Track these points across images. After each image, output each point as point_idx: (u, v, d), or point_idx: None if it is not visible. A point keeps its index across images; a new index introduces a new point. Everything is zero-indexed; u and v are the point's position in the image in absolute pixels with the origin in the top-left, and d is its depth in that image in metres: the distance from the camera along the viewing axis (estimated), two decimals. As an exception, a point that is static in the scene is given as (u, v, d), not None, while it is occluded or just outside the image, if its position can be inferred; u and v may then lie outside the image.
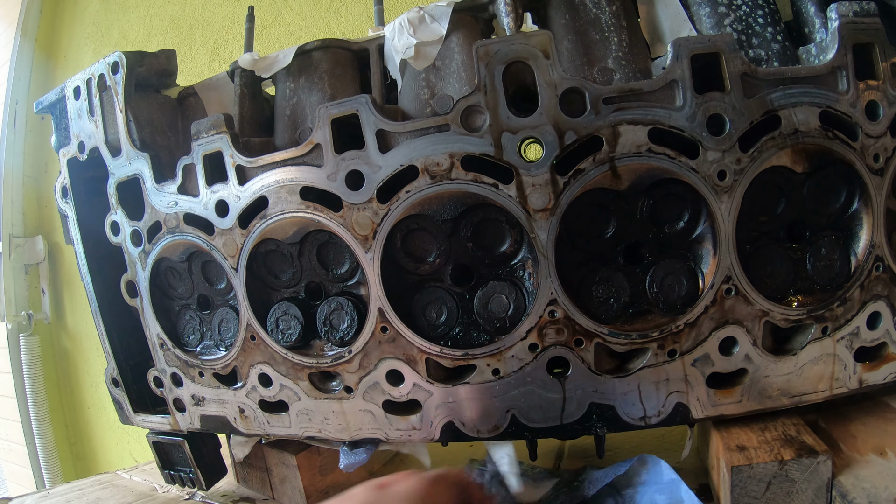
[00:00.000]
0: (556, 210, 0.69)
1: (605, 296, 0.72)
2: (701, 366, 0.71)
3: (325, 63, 0.91)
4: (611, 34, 0.79)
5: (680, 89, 0.67)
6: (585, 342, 0.72)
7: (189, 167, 0.84)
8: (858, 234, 0.72)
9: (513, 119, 0.69)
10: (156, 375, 0.97)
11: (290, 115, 0.91)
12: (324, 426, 0.85)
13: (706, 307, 0.70)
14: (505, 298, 0.74)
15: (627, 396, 0.73)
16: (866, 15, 0.70)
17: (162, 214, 0.87)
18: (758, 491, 0.65)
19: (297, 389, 0.84)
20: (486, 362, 0.74)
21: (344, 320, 0.79)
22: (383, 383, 0.78)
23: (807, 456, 0.64)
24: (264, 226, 0.79)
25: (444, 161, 0.70)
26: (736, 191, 0.68)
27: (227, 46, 2.08)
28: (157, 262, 0.90)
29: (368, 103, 0.72)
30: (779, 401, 0.72)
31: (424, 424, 0.79)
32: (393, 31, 0.85)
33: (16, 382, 2.59)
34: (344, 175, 0.74)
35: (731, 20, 0.78)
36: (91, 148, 0.94)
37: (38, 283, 2.68)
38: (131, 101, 0.91)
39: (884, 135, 0.70)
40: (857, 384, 0.73)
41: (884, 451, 0.68)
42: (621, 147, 0.68)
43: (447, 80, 0.82)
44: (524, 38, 0.69)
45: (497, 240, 0.74)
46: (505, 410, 0.75)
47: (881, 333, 0.73)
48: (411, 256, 0.76)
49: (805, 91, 0.68)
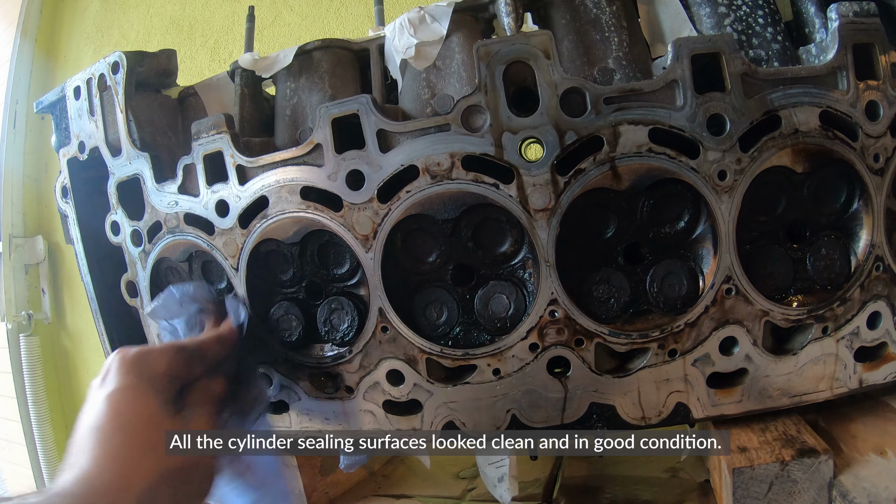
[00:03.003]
0: (557, 210, 0.69)
1: (605, 296, 0.72)
2: (701, 366, 0.71)
3: (325, 63, 0.91)
4: (611, 34, 0.79)
5: (680, 89, 0.67)
6: (586, 342, 0.72)
7: (189, 167, 0.84)
8: (858, 234, 0.72)
9: (513, 119, 0.69)
10: (156, 375, 0.97)
11: (291, 115, 0.91)
12: (324, 426, 0.85)
13: (706, 307, 0.70)
14: (505, 298, 0.74)
15: (628, 396, 0.73)
16: (866, 15, 0.70)
17: (162, 214, 0.87)
18: (760, 492, 0.65)
19: (298, 389, 0.84)
20: (486, 362, 0.74)
21: (344, 320, 0.79)
22: (384, 383, 0.78)
23: (808, 456, 0.64)
24: (265, 226, 0.79)
25: (444, 161, 0.70)
26: (736, 191, 0.68)
27: (227, 46, 2.09)
28: (158, 262, 0.90)
29: (369, 103, 0.72)
30: (779, 401, 0.72)
31: (425, 424, 0.79)
32: (393, 31, 0.85)
33: (16, 382, 2.59)
34: (344, 175, 0.74)
35: (731, 20, 0.78)
36: (91, 148, 0.94)
37: (38, 283, 2.68)
38: (131, 101, 0.91)
39: (884, 135, 0.70)
40: (857, 384, 0.73)
41: (884, 451, 0.68)
42: (622, 147, 0.68)
43: (448, 79, 0.82)
44: (524, 38, 0.69)
45: (497, 240, 0.74)
46: (505, 410, 0.75)
47: (881, 333, 0.73)
48: (412, 256, 0.76)
49: (805, 91, 0.68)
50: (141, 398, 0.58)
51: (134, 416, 0.57)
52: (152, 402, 0.58)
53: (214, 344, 0.68)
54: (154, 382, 0.59)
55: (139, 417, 0.57)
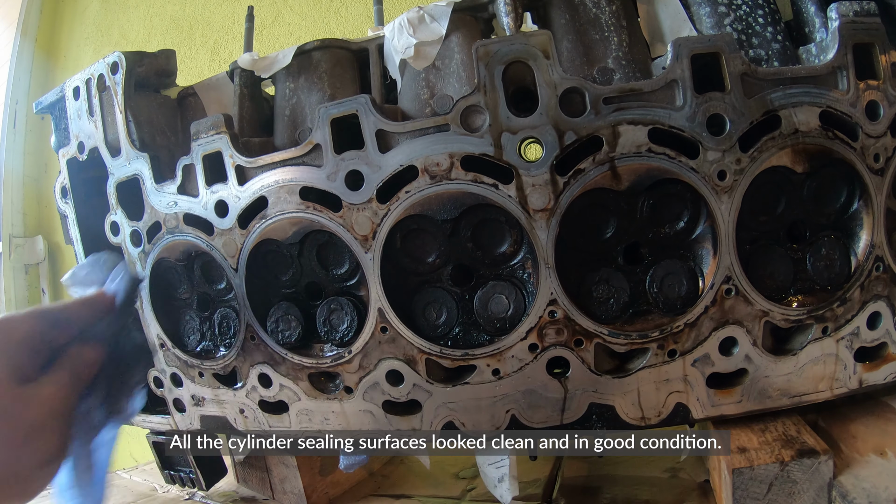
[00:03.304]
0: (556, 210, 0.69)
1: (605, 296, 0.72)
2: (701, 366, 0.71)
3: (324, 63, 0.91)
4: (611, 34, 0.79)
5: (680, 89, 0.67)
6: (585, 342, 0.72)
7: (188, 167, 0.84)
8: (858, 234, 0.72)
9: (512, 119, 0.69)
10: (156, 376, 0.97)
11: (290, 115, 0.91)
12: (324, 426, 0.85)
13: (706, 307, 0.70)
14: (505, 299, 0.73)
15: (627, 396, 0.73)
16: (866, 15, 0.70)
17: (161, 215, 0.87)
18: (759, 492, 0.64)
19: (297, 390, 0.84)
20: (486, 362, 0.74)
21: (344, 321, 0.79)
22: (383, 383, 0.78)
23: (808, 456, 0.64)
24: (264, 226, 0.79)
25: (443, 161, 0.70)
26: (736, 191, 0.68)
27: (227, 46, 2.09)
28: (157, 262, 0.90)
29: (368, 103, 0.72)
30: (779, 401, 0.72)
31: (424, 425, 0.79)
32: (393, 31, 0.85)
33: (16, 382, 2.59)
34: (343, 175, 0.74)
35: (731, 20, 0.78)
36: (91, 148, 0.94)
37: (38, 283, 2.68)
38: (131, 102, 0.91)
39: (884, 135, 0.70)
40: (857, 384, 0.73)
41: (884, 452, 0.68)
42: (621, 147, 0.68)
43: (447, 79, 0.82)
44: (524, 38, 0.69)
45: (497, 240, 0.74)
46: (505, 410, 0.75)
47: (881, 333, 0.73)
48: (411, 256, 0.76)
49: (805, 91, 0.68)
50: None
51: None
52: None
53: (80, 307, 0.63)
54: (7, 350, 0.54)
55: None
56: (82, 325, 0.61)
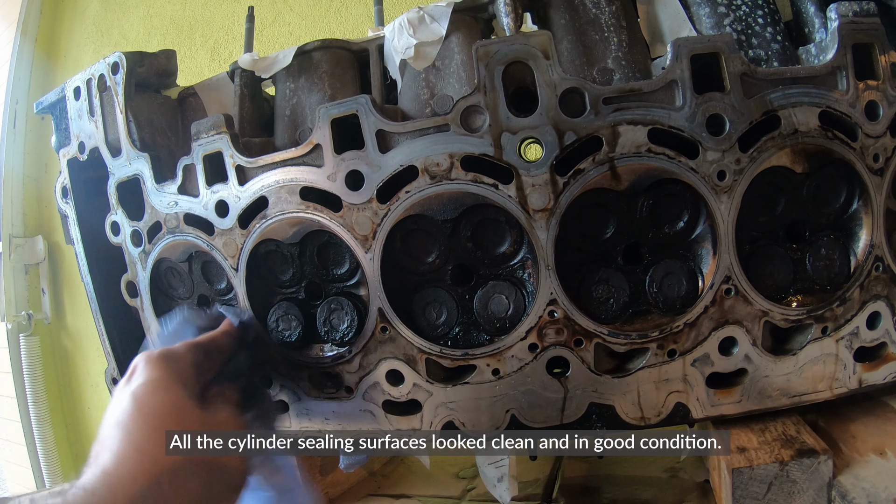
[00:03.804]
0: (556, 210, 0.69)
1: (604, 296, 0.72)
2: (701, 366, 0.71)
3: (325, 63, 0.91)
4: (610, 34, 0.79)
5: (679, 89, 0.67)
6: (585, 342, 0.72)
7: (189, 167, 0.84)
8: (858, 234, 0.72)
9: (512, 119, 0.69)
10: (156, 375, 0.97)
11: (290, 116, 0.91)
12: (324, 426, 0.85)
13: (706, 307, 0.70)
14: (505, 298, 0.74)
15: (627, 396, 0.73)
16: (866, 15, 0.70)
17: (162, 215, 0.87)
18: (759, 492, 0.65)
19: (297, 389, 0.84)
20: (485, 362, 0.74)
21: (344, 320, 0.79)
22: (383, 383, 0.78)
23: (808, 456, 0.64)
24: (264, 226, 0.79)
25: (443, 161, 0.70)
26: (736, 191, 0.68)
27: (227, 46, 2.09)
28: (158, 262, 0.90)
29: (368, 103, 0.72)
30: (778, 401, 0.72)
31: (424, 424, 0.79)
32: (393, 31, 0.85)
33: (16, 382, 2.59)
34: (344, 175, 0.74)
35: (730, 20, 0.78)
36: (91, 148, 0.94)
37: (38, 283, 2.68)
38: (131, 102, 0.91)
39: (883, 135, 0.70)
40: (856, 384, 0.73)
41: (883, 451, 0.68)
42: (621, 147, 0.68)
43: (447, 80, 0.82)
44: (524, 39, 0.69)
45: (497, 240, 0.74)
46: (505, 410, 0.75)
47: (881, 333, 0.73)
48: (411, 256, 0.76)
49: (805, 91, 0.68)
50: (167, 390, 0.58)
51: (159, 406, 0.56)
52: (179, 393, 0.58)
53: (223, 336, 0.69)
54: (182, 376, 0.59)
55: (164, 407, 0.56)
56: (229, 351, 0.69)
